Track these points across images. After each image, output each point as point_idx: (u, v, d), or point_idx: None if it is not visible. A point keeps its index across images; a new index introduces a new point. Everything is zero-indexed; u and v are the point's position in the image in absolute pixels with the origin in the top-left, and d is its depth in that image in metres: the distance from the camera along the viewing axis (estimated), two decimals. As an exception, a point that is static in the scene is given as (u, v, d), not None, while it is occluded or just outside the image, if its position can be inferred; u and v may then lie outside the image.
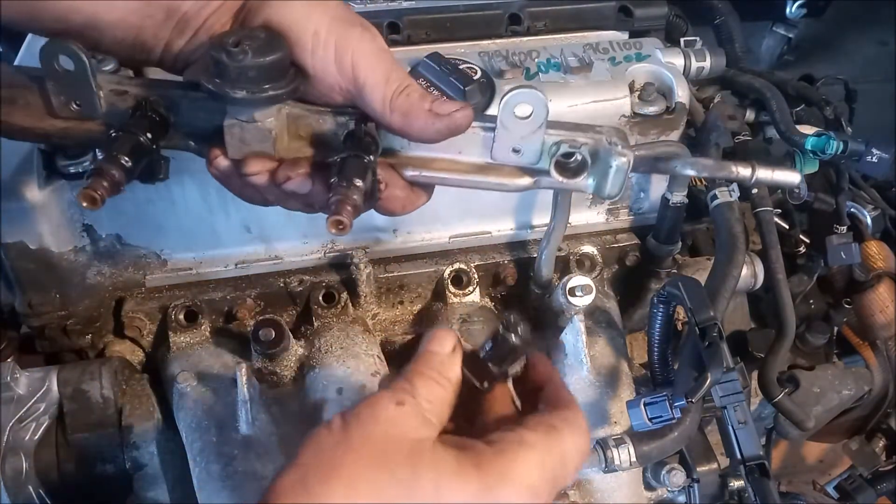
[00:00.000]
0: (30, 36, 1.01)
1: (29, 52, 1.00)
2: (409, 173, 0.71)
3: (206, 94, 0.63)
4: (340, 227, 0.61)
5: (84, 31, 0.65)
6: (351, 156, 0.64)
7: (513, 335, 0.60)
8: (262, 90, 0.62)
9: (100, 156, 0.64)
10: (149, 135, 0.65)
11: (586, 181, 0.71)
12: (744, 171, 0.81)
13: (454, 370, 0.60)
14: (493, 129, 0.69)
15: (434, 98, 0.66)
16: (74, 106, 0.67)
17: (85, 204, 0.60)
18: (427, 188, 0.74)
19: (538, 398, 0.63)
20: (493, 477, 0.52)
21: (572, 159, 0.70)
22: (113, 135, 0.65)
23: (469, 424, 0.61)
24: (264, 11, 0.65)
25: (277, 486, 0.50)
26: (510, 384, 0.64)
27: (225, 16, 0.68)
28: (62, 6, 0.64)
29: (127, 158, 0.63)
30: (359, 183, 0.62)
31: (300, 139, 0.69)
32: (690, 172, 0.86)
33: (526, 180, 0.72)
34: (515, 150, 0.70)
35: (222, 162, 0.69)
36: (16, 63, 1.00)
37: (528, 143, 0.69)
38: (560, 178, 0.70)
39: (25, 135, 0.70)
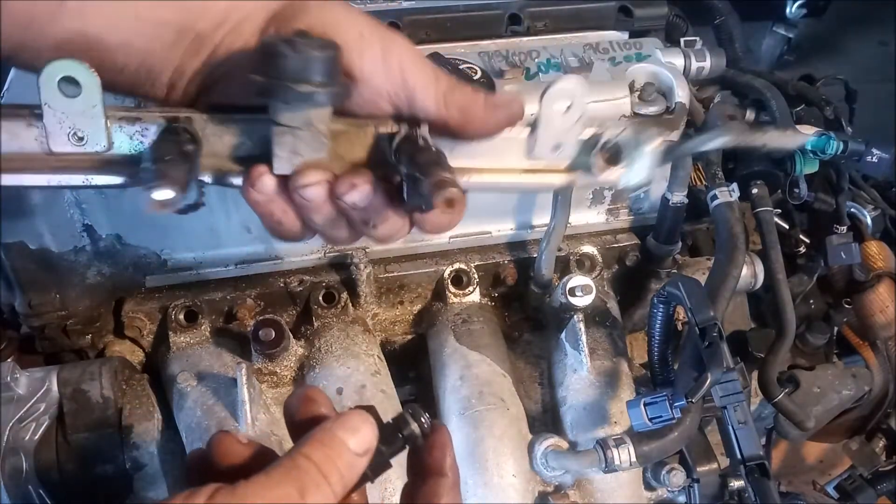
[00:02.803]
0: (13, 72, 0.94)
1: (12, 91, 0.94)
2: None
3: (257, 89, 0.55)
4: (450, 203, 0.56)
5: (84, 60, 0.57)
6: (421, 149, 0.60)
7: (415, 424, 0.55)
8: (326, 84, 0.55)
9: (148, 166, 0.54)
10: (188, 146, 0.57)
11: (624, 170, 0.67)
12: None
13: (355, 475, 0.50)
14: (534, 127, 0.67)
15: (483, 92, 0.64)
16: (76, 137, 0.57)
17: (159, 199, 0.51)
18: (463, 203, 0.68)
19: (417, 490, 0.56)
20: None
21: (608, 150, 0.67)
22: (153, 143, 0.57)
23: None
24: (303, 17, 0.60)
25: None
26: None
27: (247, 31, 0.61)
28: (63, 30, 0.58)
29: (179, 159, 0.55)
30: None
31: (340, 158, 0.63)
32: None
33: (563, 177, 0.69)
34: (556, 147, 0.68)
35: (268, 181, 0.58)
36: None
37: (567, 137, 0.67)
38: (603, 168, 0.67)
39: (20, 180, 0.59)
